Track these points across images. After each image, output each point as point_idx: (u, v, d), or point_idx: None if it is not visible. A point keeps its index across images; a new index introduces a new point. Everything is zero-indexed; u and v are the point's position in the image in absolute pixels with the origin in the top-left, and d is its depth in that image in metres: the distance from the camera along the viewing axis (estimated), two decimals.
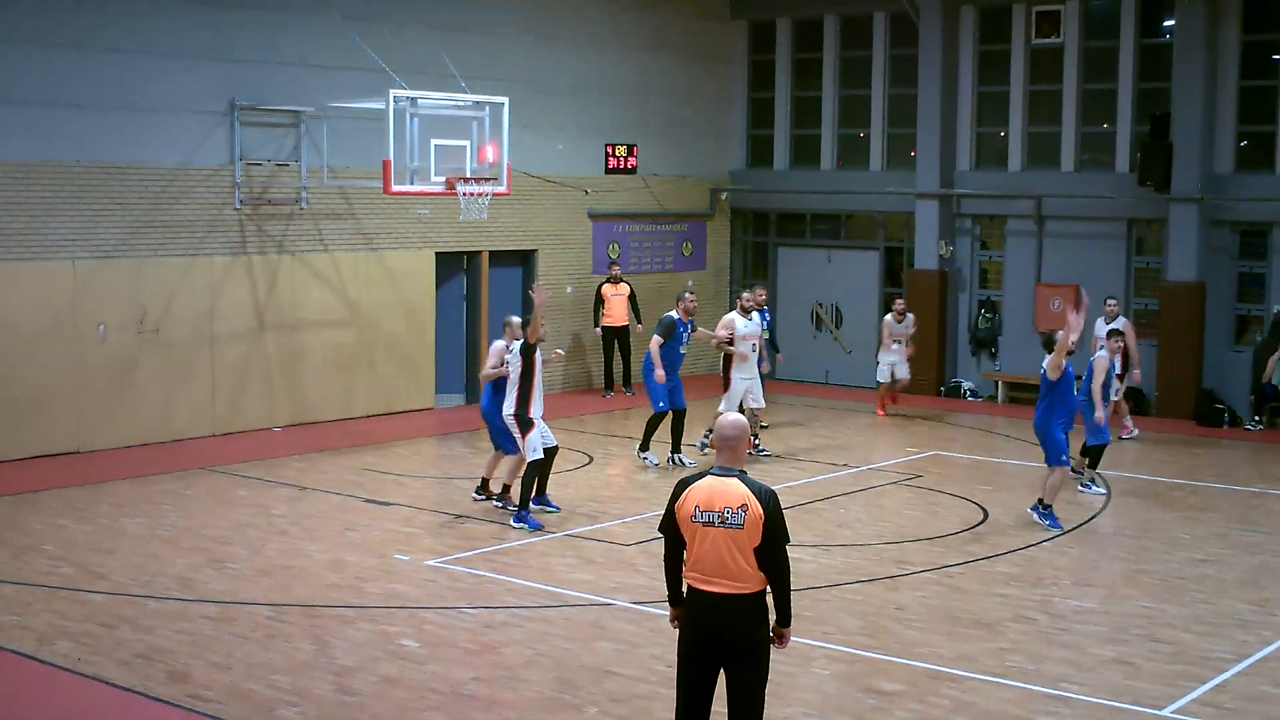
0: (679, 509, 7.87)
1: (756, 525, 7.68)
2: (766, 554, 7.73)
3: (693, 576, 7.86)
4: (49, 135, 18.61)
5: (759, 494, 7.75)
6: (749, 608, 7.75)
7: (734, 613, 7.73)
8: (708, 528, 7.73)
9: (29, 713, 9.97)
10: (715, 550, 7.71)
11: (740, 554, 7.69)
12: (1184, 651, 11.52)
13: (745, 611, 7.75)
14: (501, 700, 10.19)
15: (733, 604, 7.72)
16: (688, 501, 7.83)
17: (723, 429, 7.98)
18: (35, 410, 18.52)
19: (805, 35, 27.96)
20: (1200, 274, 23.57)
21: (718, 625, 7.77)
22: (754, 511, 7.68)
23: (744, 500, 7.71)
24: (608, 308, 24.77)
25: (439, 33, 22.61)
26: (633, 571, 13.59)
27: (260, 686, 10.35)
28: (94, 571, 13.33)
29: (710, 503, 7.75)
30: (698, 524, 7.76)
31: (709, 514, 7.73)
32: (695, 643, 7.87)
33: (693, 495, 7.83)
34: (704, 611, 7.80)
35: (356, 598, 12.64)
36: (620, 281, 24.87)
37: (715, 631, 7.78)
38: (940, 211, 25.85)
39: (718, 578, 7.73)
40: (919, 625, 12.10)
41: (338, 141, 21.22)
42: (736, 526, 7.68)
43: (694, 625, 7.88)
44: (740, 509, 7.69)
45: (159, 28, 19.61)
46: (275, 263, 21.02)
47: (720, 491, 7.76)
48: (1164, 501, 17.39)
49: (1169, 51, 24.09)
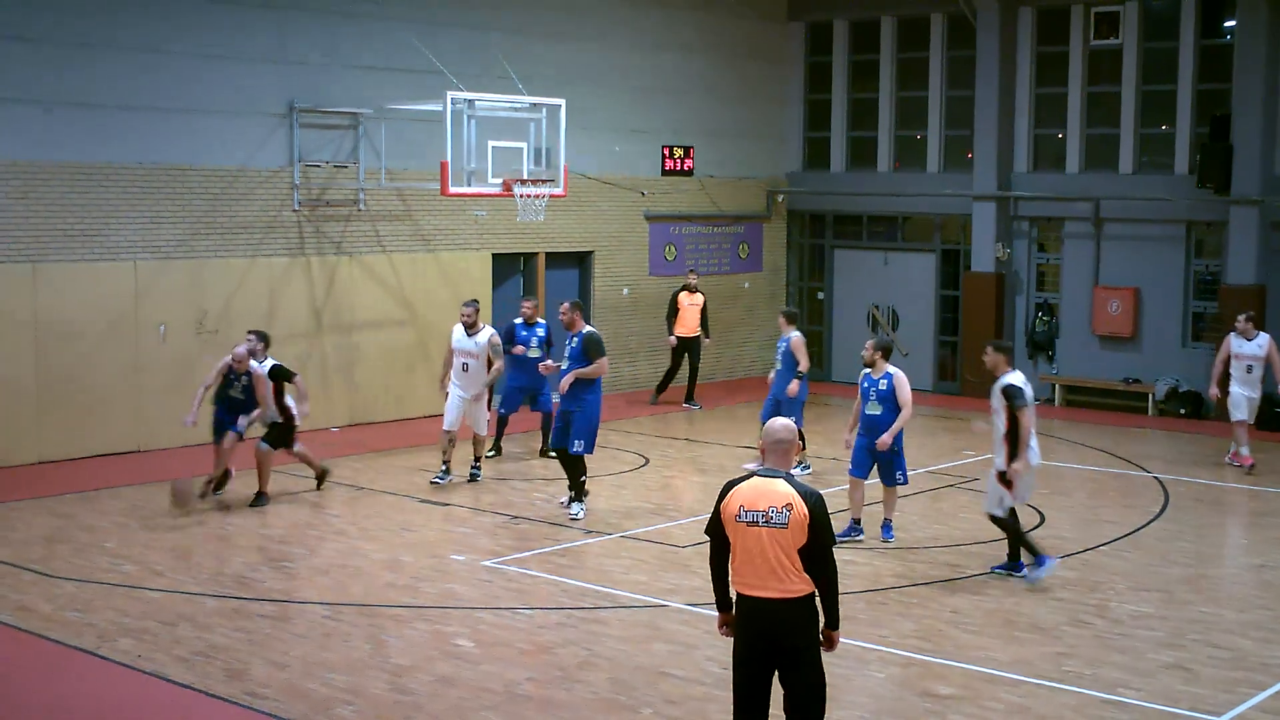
0: (724, 509, 7.84)
1: (801, 525, 7.65)
2: (812, 555, 7.70)
3: (739, 582, 7.84)
4: (111, 138, 18.84)
5: (804, 495, 7.71)
6: (798, 611, 7.74)
7: (783, 617, 7.72)
8: (751, 527, 7.70)
9: (90, 708, 10.10)
10: (759, 551, 7.68)
11: (785, 555, 7.66)
12: (1243, 658, 11.42)
13: (795, 616, 7.73)
14: (556, 701, 10.22)
15: (782, 609, 7.71)
16: (732, 502, 7.80)
17: (773, 431, 7.96)
18: (97, 410, 18.75)
19: (862, 37, 27.89)
20: (1260, 277, 23.35)
21: (769, 630, 7.75)
22: (799, 511, 7.65)
23: (789, 500, 7.68)
24: (681, 316, 24.07)
25: (496, 34, 22.72)
26: (688, 573, 13.60)
27: (317, 685, 10.43)
28: (153, 569, 13.48)
29: (754, 502, 7.72)
30: (741, 524, 7.73)
31: (753, 513, 7.71)
32: (747, 649, 7.86)
33: (737, 496, 7.81)
34: (753, 618, 7.79)
35: (412, 597, 12.72)
36: (696, 291, 24.23)
37: (767, 635, 7.77)
38: (997, 214, 25.72)
39: (765, 581, 7.70)
40: (974, 629, 12.06)
41: (395, 143, 21.36)
42: (781, 526, 7.65)
43: (745, 631, 7.87)
44: (785, 508, 7.66)
45: (219, 31, 19.80)
46: (333, 264, 21.17)
47: (765, 491, 7.74)
48: (1223, 506, 17.24)
49: (1229, 52, 23.88)
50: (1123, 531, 15.51)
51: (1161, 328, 24.58)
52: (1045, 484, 18.08)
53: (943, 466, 19.27)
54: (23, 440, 18.20)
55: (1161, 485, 17.98)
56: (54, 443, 18.44)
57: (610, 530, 15.25)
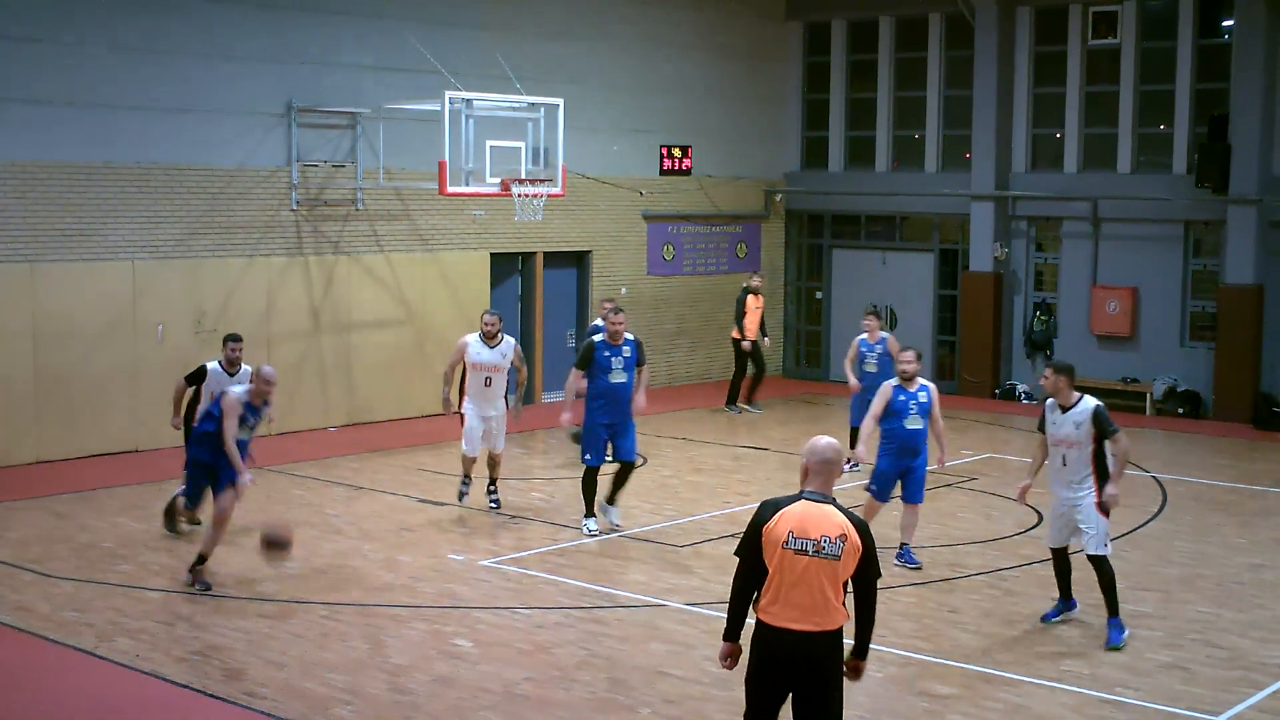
0: (768, 531, 7.27)
1: (853, 557, 7.25)
2: (859, 587, 7.35)
3: (768, 612, 7.32)
4: (109, 138, 18.83)
5: (857, 525, 7.28)
6: (831, 645, 7.31)
7: (817, 652, 7.28)
8: (800, 555, 7.20)
9: (88, 708, 10.09)
10: (805, 582, 7.20)
11: (832, 587, 7.23)
12: (1241, 657, 11.43)
13: (828, 650, 7.30)
14: (554, 700, 10.22)
15: (818, 642, 7.26)
16: (780, 525, 7.25)
17: (818, 450, 7.41)
18: (94, 409, 18.74)
19: (860, 36, 27.89)
20: (1258, 276, 23.36)
21: (797, 663, 7.29)
22: (852, 543, 7.23)
23: (843, 530, 7.22)
24: (748, 320, 23.46)
25: (494, 34, 22.72)
26: (686, 573, 13.60)
27: (315, 684, 10.43)
28: (151, 569, 13.47)
29: (805, 529, 7.21)
30: (789, 550, 7.21)
31: (803, 541, 7.20)
32: (768, 682, 7.40)
33: (785, 519, 7.25)
34: (781, 648, 7.30)
35: (410, 597, 12.71)
36: (760, 293, 23.74)
37: (794, 668, 7.31)
38: (996, 213, 25.73)
39: (804, 614, 7.22)
40: (973, 628, 12.07)
41: (393, 143, 21.35)
42: (834, 557, 7.20)
43: (768, 661, 7.37)
44: (839, 539, 7.20)
45: (217, 31, 19.80)
46: (331, 263, 21.17)
47: (816, 518, 7.24)
48: (1221, 505, 17.24)
49: (1227, 52, 23.91)
50: (1121, 531, 15.49)
51: (1159, 327, 24.60)
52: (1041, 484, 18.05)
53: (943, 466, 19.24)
54: (21, 440, 18.19)
55: (1160, 485, 17.97)
56: (52, 442, 18.44)
57: (609, 530, 15.23)
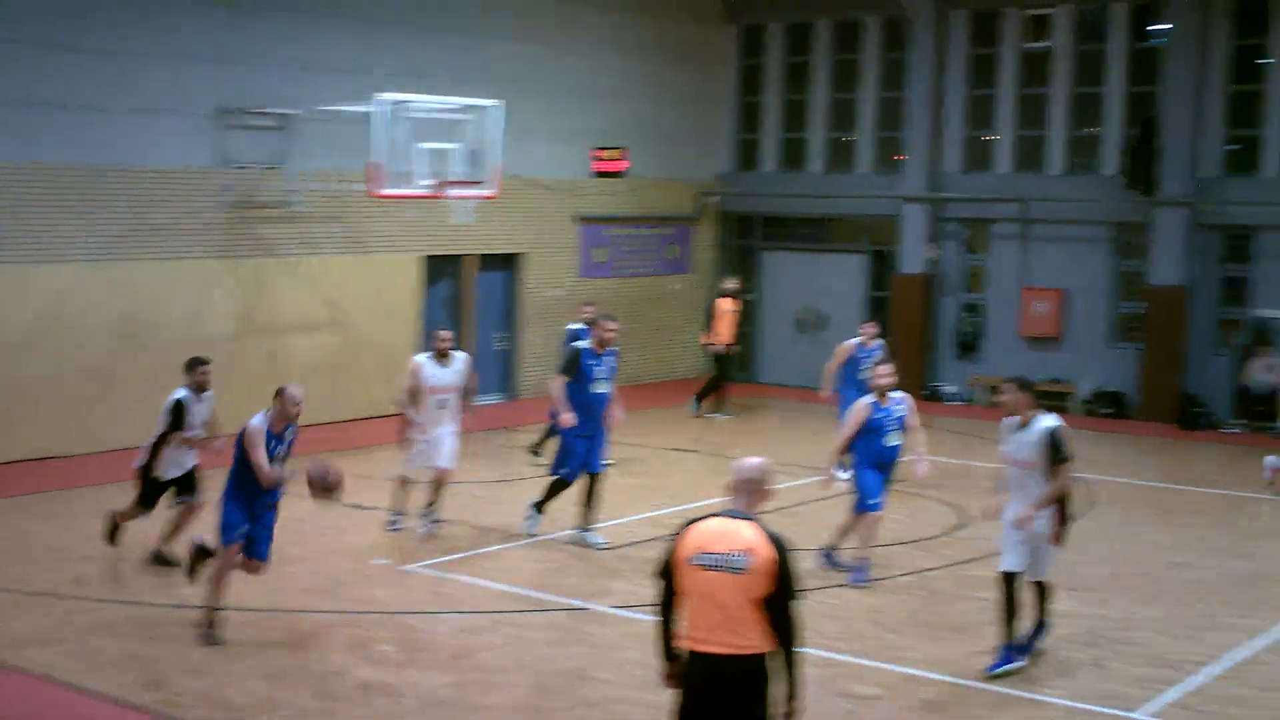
0: (680, 549, 7.03)
1: (764, 572, 6.84)
2: (774, 608, 6.89)
3: (689, 636, 7.01)
4: (35, 137, 18.59)
5: (772, 539, 6.92)
6: (751, 671, 6.90)
7: (735, 677, 6.89)
8: (707, 572, 6.89)
9: None
10: (713, 599, 6.88)
11: (744, 604, 6.85)
12: (1158, 654, 11.58)
13: (747, 676, 6.89)
14: (478, 705, 10.21)
15: (733, 667, 6.88)
16: (689, 541, 7.00)
17: (743, 470, 7.18)
18: (18, 414, 18.50)
19: (797, 39, 27.96)
20: (1185, 278, 23.63)
21: (716, 693, 6.92)
22: (762, 556, 6.85)
23: (751, 544, 6.88)
24: (723, 323, 23.24)
25: (429, 35, 22.66)
26: (612, 576, 13.62)
27: (237, 693, 10.36)
28: (69, 577, 13.28)
29: (712, 545, 6.92)
30: (696, 567, 6.93)
31: (709, 556, 6.90)
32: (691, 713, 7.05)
33: (695, 535, 7.00)
34: (700, 676, 6.97)
35: (335, 603, 12.66)
36: (737, 297, 23.61)
37: (714, 700, 6.93)
38: (927, 215, 25.89)
39: (716, 634, 6.89)
40: (896, 629, 12.15)
41: (326, 145, 21.16)
42: (738, 570, 6.84)
43: (690, 692, 7.04)
44: (744, 552, 6.86)
45: (147, 30, 19.60)
46: (262, 266, 21.03)
47: (726, 534, 6.94)
48: (1144, 504, 17.43)
49: (1159, 56, 24.16)
50: None
51: (1087, 328, 24.84)
52: (969, 484, 18.22)
53: None
54: None
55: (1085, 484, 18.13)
56: None
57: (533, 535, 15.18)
